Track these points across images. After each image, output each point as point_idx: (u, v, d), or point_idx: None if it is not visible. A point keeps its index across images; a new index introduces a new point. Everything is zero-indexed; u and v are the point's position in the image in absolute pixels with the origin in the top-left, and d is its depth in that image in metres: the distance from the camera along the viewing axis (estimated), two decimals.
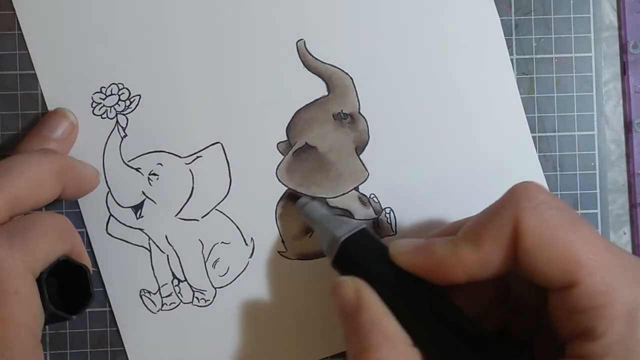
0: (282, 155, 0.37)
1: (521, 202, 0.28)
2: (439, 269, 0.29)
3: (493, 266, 0.28)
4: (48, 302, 0.30)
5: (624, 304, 0.27)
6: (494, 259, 0.28)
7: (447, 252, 0.29)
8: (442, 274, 0.29)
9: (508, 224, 0.28)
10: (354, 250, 0.32)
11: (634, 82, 0.39)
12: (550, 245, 0.27)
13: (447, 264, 0.29)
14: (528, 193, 0.29)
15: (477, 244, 0.29)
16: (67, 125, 0.36)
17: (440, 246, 0.30)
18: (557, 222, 0.28)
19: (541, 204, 0.28)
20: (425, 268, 0.30)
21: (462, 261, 0.29)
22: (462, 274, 0.29)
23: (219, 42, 0.37)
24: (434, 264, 0.29)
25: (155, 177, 0.37)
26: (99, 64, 0.37)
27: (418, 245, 0.30)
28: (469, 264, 0.29)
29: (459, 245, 0.29)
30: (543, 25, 0.38)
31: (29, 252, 0.29)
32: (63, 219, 0.33)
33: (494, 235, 0.28)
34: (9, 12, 0.37)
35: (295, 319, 0.37)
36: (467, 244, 0.29)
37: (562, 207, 0.29)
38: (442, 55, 0.38)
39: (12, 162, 0.32)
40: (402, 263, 0.30)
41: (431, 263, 0.30)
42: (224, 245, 0.37)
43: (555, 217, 0.28)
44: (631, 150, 0.39)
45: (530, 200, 0.28)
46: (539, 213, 0.28)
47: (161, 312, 0.37)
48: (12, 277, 0.28)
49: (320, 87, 0.38)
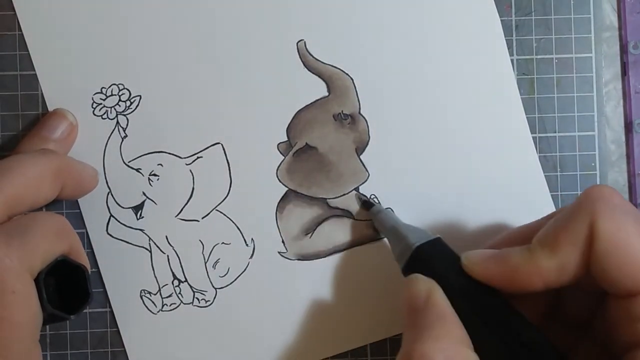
0: (282, 156, 0.37)
1: (597, 205, 0.28)
2: (516, 278, 0.29)
3: (570, 271, 0.28)
4: (46, 302, 0.30)
5: None
6: (571, 264, 0.28)
7: (523, 259, 0.29)
8: (518, 282, 0.29)
9: (584, 228, 0.28)
10: (427, 258, 0.32)
11: (634, 83, 0.39)
12: (623, 250, 0.27)
13: (523, 272, 0.29)
14: (604, 196, 0.28)
15: (554, 249, 0.28)
16: (66, 125, 0.36)
17: (516, 254, 0.29)
18: (632, 228, 0.28)
19: (616, 207, 0.28)
20: (500, 277, 0.29)
21: (539, 268, 0.28)
22: (539, 281, 0.29)
23: (219, 42, 0.37)
24: (509, 273, 0.29)
25: (156, 177, 0.37)
26: (99, 65, 0.37)
27: (491, 255, 0.30)
28: (547, 271, 0.28)
29: (535, 252, 0.29)
30: (543, 25, 0.38)
31: (27, 252, 0.29)
32: (61, 219, 0.33)
33: (571, 240, 0.28)
34: (9, 12, 0.37)
35: (296, 319, 0.37)
36: (543, 250, 0.28)
37: (636, 212, 0.29)
38: (442, 55, 0.38)
39: (11, 162, 0.32)
40: (476, 273, 0.30)
41: (507, 272, 0.29)
42: (224, 246, 0.37)
43: (630, 221, 0.28)
44: (631, 151, 0.39)
45: (606, 203, 0.28)
46: (614, 217, 0.28)
47: (161, 312, 0.37)
48: (10, 277, 0.28)
49: (321, 88, 0.38)
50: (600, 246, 0.27)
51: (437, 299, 0.30)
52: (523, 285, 0.29)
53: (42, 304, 0.30)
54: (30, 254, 0.29)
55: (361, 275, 0.37)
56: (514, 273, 0.29)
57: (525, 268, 0.29)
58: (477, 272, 0.30)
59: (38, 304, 0.30)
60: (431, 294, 0.30)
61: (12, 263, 0.29)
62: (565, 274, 0.28)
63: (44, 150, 0.34)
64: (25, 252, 0.29)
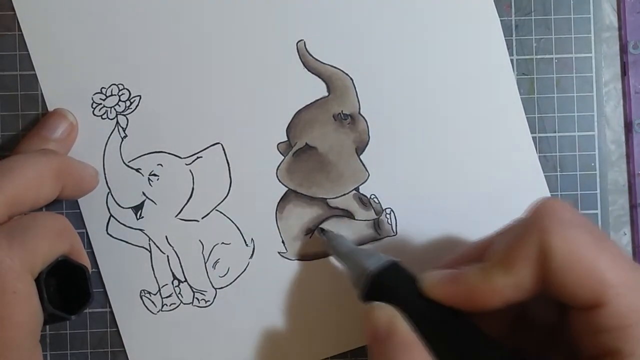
0: (282, 156, 0.37)
1: (547, 221, 0.28)
2: (474, 298, 0.29)
3: (526, 288, 0.28)
4: (47, 302, 0.30)
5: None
6: (526, 281, 0.28)
7: (479, 280, 0.29)
8: (476, 302, 0.29)
9: (535, 245, 0.28)
10: (385, 283, 0.32)
11: (634, 83, 0.39)
12: (577, 264, 0.27)
13: (481, 292, 0.29)
14: (553, 211, 0.28)
15: (508, 268, 0.28)
16: (66, 125, 0.36)
17: (471, 275, 0.29)
18: (584, 241, 0.27)
19: (568, 222, 0.28)
20: (459, 298, 0.29)
21: (495, 287, 0.28)
22: (497, 300, 0.29)
23: (219, 42, 0.37)
24: (467, 293, 0.29)
25: (156, 177, 0.37)
26: (99, 65, 0.37)
27: (449, 276, 0.30)
28: (503, 289, 0.28)
29: (490, 272, 0.29)
30: (543, 25, 0.38)
31: (28, 252, 0.29)
32: (62, 219, 0.33)
33: (524, 258, 0.28)
34: (9, 12, 0.37)
35: (296, 319, 0.37)
36: (498, 269, 0.28)
37: (588, 225, 0.29)
38: (442, 55, 0.38)
39: (11, 162, 0.32)
40: (435, 295, 0.30)
41: (465, 293, 0.29)
42: (224, 246, 0.37)
43: (582, 235, 0.28)
44: (631, 151, 0.39)
45: (556, 219, 0.28)
46: (564, 232, 0.28)
47: (161, 312, 0.37)
48: (11, 277, 0.28)
49: (321, 88, 0.38)
50: (554, 262, 0.27)
51: (399, 327, 0.30)
52: (482, 305, 0.29)
53: (43, 304, 0.30)
54: (31, 254, 0.29)
55: None
56: (471, 293, 0.29)
57: (482, 288, 0.29)
58: (436, 293, 0.30)
59: (39, 304, 0.30)
60: (392, 323, 0.30)
61: (13, 263, 0.29)
62: (521, 291, 0.28)
63: (45, 151, 0.34)
64: (26, 253, 0.29)
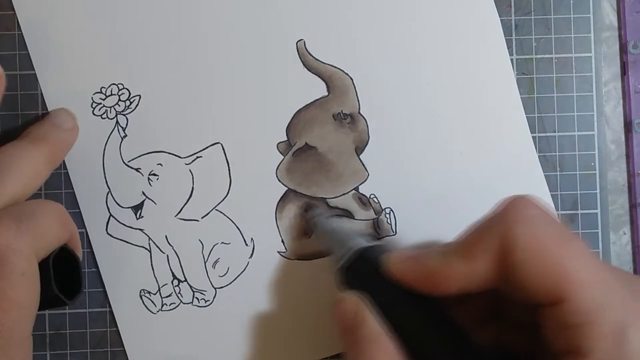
0: (282, 156, 0.37)
1: (512, 215, 0.28)
2: (430, 280, 0.29)
3: (483, 278, 0.28)
4: (53, 285, 0.31)
5: (611, 322, 0.26)
6: (484, 272, 0.28)
7: (438, 263, 0.29)
8: (433, 285, 0.29)
9: (498, 238, 0.28)
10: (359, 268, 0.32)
11: (634, 82, 0.39)
12: (539, 259, 0.27)
13: (438, 275, 0.29)
14: (520, 207, 0.29)
15: (467, 257, 0.29)
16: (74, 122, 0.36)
17: (432, 258, 0.30)
18: (548, 237, 0.28)
19: (532, 218, 0.28)
20: (416, 279, 0.30)
21: (452, 273, 0.29)
22: (452, 286, 0.29)
23: (219, 42, 0.37)
24: (425, 275, 0.30)
25: (155, 177, 0.37)
26: (99, 64, 0.37)
27: (411, 256, 0.31)
28: (459, 276, 0.29)
29: (449, 257, 0.29)
30: (543, 25, 0.38)
31: (36, 237, 0.30)
32: (61, 207, 0.33)
33: (484, 248, 0.28)
34: (9, 12, 0.37)
35: (296, 319, 0.37)
36: (457, 255, 0.29)
37: (554, 222, 0.29)
38: (442, 55, 0.38)
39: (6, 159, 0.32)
40: (395, 275, 0.31)
41: (423, 274, 0.30)
42: (224, 246, 0.37)
43: (546, 231, 0.28)
44: (631, 151, 0.39)
45: (521, 213, 0.28)
46: (529, 227, 0.28)
47: (161, 312, 0.37)
48: (20, 259, 0.29)
49: (320, 87, 0.38)
50: (515, 257, 0.27)
51: (365, 318, 0.30)
52: (437, 288, 0.29)
53: (49, 286, 0.30)
54: (39, 239, 0.30)
55: None
56: (429, 275, 0.30)
57: (440, 271, 0.29)
58: (397, 273, 0.31)
59: (39, 289, 0.30)
60: (358, 314, 0.30)
61: (22, 246, 0.29)
62: (478, 280, 0.29)
63: (32, 139, 0.34)
64: (33, 236, 0.30)
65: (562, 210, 0.38)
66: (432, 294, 0.30)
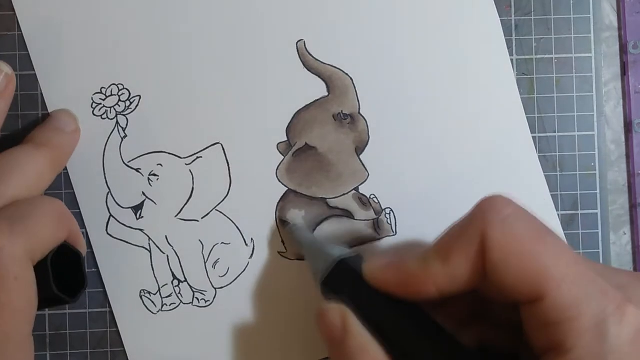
0: (282, 156, 0.37)
1: (487, 216, 0.28)
2: (410, 285, 0.30)
3: (462, 280, 0.29)
4: (53, 285, 0.30)
5: (591, 316, 0.26)
6: (463, 273, 0.28)
7: (416, 267, 0.29)
8: (413, 289, 0.30)
9: (475, 238, 0.28)
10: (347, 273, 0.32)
11: (634, 83, 0.39)
12: (516, 258, 0.27)
13: (417, 280, 0.29)
14: (495, 206, 0.29)
15: (445, 259, 0.29)
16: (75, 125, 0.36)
17: (411, 262, 0.30)
18: (524, 235, 0.28)
19: (508, 217, 0.28)
20: (397, 285, 0.30)
21: (432, 276, 0.29)
22: (433, 289, 0.29)
23: (218, 42, 0.37)
24: (405, 281, 0.30)
25: (156, 177, 0.37)
26: (99, 65, 0.37)
27: (389, 263, 0.31)
28: (439, 279, 0.29)
29: (428, 261, 0.29)
30: (543, 25, 0.38)
31: (30, 238, 0.29)
32: (60, 204, 0.33)
33: (462, 250, 0.28)
34: (9, 12, 0.37)
35: (296, 319, 0.37)
36: (435, 258, 0.29)
37: (530, 219, 0.29)
38: (442, 55, 0.38)
39: (10, 163, 0.32)
40: (375, 281, 0.31)
41: (402, 280, 0.30)
42: (224, 246, 0.37)
43: (522, 229, 0.28)
44: (631, 151, 0.39)
45: (496, 213, 0.28)
46: (505, 226, 0.28)
47: (161, 312, 0.37)
48: (13, 263, 0.29)
49: (320, 88, 0.38)
50: (493, 256, 0.28)
51: (353, 328, 0.30)
52: (418, 292, 0.29)
53: (49, 286, 0.30)
54: (33, 240, 0.30)
55: None
56: (409, 280, 0.30)
57: (419, 275, 0.29)
58: (377, 280, 0.31)
59: (35, 292, 0.30)
60: (346, 322, 0.30)
61: (15, 249, 0.29)
62: (458, 283, 0.29)
63: (35, 144, 0.34)
64: (27, 239, 0.29)
65: (562, 210, 0.38)
66: (413, 298, 0.30)
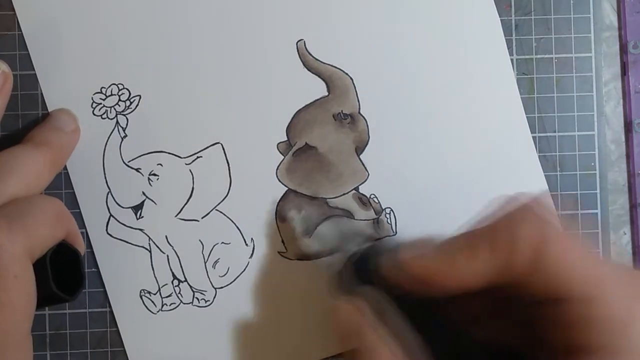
0: (282, 156, 0.37)
1: (516, 214, 0.28)
2: (433, 280, 0.29)
3: (487, 275, 0.28)
4: (52, 283, 0.30)
5: (619, 316, 0.26)
6: (489, 269, 0.28)
7: (440, 262, 0.29)
8: (435, 284, 0.29)
9: (503, 236, 0.28)
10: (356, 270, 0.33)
11: (634, 82, 0.39)
12: (545, 257, 0.27)
13: (441, 275, 0.29)
14: (525, 206, 0.29)
15: (471, 253, 0.29)
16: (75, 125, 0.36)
17: (434, 257, 0.30)
18: (553, 235, 0.28)
19: (538, 216, 0.28)
20: (420, 279, 0.30)
21: (456, 271, 0.29)
22: (456, 284, 0.29)
23: (218, 42, 0.37)
24: (427, 276, 0.29)
25: (156, 177, 0.37)
26: (99, 65, 0.37)
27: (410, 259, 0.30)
28: (464, 273, 0.29)
29: (453, 255, 0.29)
30: (543, 25, 0.38)
31: (29, 236, 0.29)
32: (58, 202, 0.33)
33: (488, 245, 0.28)
34: (9, 12, 0.37)
35: (296, 319, 0.37)
36: (461, 253, 0.29)
37: (557, 221, 0.29)
38: (442, 55, 0.38)
39: (10, 162, 0.32)
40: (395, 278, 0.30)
41: (425, 274, 0.30)
42: (224, 246, 0.37)
43: (551, 230, 0.28)
44: (631, 151, 0.39)
45: (526, 212, 0.28)
46: (535, 226, 0.28)
47: (161, 312, 0.37)
48: (12, 261, 0.29)
49: (320, 88, 0.38)
50: (521, 255, 0.27)
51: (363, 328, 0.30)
52: (441, 287, 0.29)
53: (47, 285, 0.30)
54: (31, 238, 0.30)
55: None
56: (431, 275, 0.29)
57: (443, 270, 0.29)
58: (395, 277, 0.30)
59: (34, 290, 0.30)
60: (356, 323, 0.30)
61: (14, 247, 0.29)
62: (482, 278, 0.28)
63: (35, 144, 0.34)
64: (26, 237, 0.29)
65: (562, 210, 0.38)
66: (434, 293, 0.30)
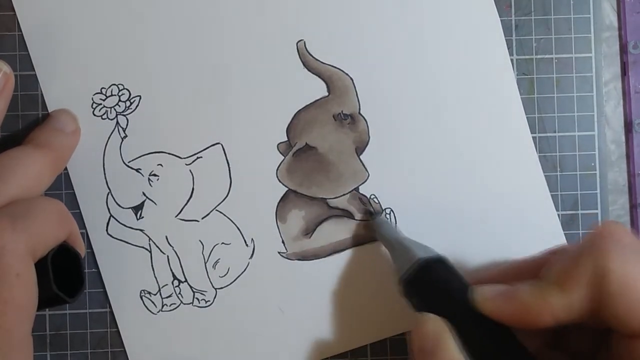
0: (282, 156, 0.37)
1: (605, 244, 0.28)
2: (526, 316, 0.29)
3: (579, 309, 0.28)
4: (52, 284, 0.30)
5: None
6: (581, 303, 0.28)
7: (533, 298, 0.29)
8: (529, 319, 0.29)
9: (592, 267, 0.28)
10: (433, 276, 0.32)
11: (634, 83, 0.39)
12: (633, 291, 0.27)
13: (534, 310, 0.29)
14: (612, 234, 0.29)
15: (564, 289, 0.28)
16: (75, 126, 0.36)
17: (526, 292, 0.29)
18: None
19: (626, 247, 0.28)
20: (511, 315, 0.30)
21: (549, 306, 0.28)
22: (549, 319, 0.29)
23: (219, 42, 0.37)
24: (520, 311, 0.29)
25: (156, 177, 0.37)
26: (99, 65, 0.37)
27: (502, 292, 0.30)
28: (557, 309, 0.28)
29: (545, 290, 0.29)
30: (543, 25, 0.38)
31: (32, 236, 0.30)
32: (60, 204, 0.33)
33: (581, 278, 0.28)
34: (9, 12, 0.37)
35: (296, 319, 0.37)
36: (554, 288, 0.29)
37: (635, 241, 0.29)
38: (442, 55, 0.38)
39: (11, 163, 0.32)
40: (488, 310, 0.30)
41: (518, 310, 0.29)
42: (224, 246, 0.37)
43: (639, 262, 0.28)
44: (631, 151, 0.39)
45: (616, 243, 0.28)
46: (623, 256, 0.28)
47: (161, 312, 0.37)
48: (15, 260, 0.29)
49: (321, 88, 0.38)
50: (610, 287, 0.27)
51: (447, 345, 0.30)
52: (533, 323, 0.29)
53: (48, 285, 0.30)
54: (34, 238, 0.30)
55: (361, 275, 0.37)
56: (524, 311, 0.29)
57: (535, 306, 0.29)
58: (489, 308, 0.30)
59: (36, 289, 0.30)
60: (441, 338, 0.30)
61: (17, 246, 0.29)
62: (574, 312, 0.28)
63: (35, 144, 0.34)
64: (29, 236, 0.29)
65: (562, 210, 0.38)
66: (525, 328, 0.29)
